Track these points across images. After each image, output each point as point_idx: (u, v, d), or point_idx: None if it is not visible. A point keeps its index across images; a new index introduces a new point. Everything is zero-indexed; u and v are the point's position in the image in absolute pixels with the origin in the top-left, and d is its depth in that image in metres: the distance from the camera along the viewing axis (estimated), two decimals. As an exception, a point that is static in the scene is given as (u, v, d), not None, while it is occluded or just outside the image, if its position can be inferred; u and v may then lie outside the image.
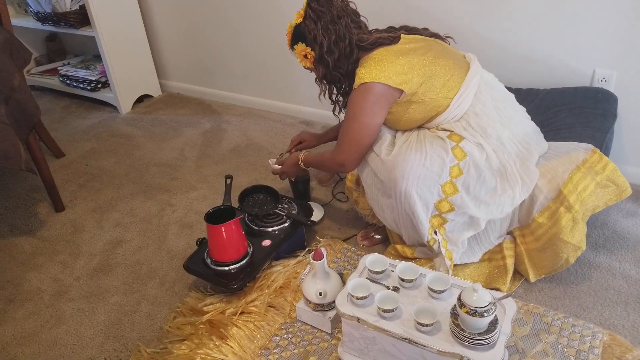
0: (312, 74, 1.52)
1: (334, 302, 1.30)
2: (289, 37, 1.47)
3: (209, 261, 1.48)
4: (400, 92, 1.37)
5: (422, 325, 1.09)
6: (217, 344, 1.33)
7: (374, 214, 1.56)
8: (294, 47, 1.46)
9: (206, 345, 1.32)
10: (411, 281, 1.22)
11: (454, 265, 1.46)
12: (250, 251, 1.50)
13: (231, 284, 1.42)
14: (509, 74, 1.86)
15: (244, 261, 1.46)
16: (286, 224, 1.60)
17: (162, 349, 1.36)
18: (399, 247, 1.54)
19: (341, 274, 1.42)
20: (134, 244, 1.78)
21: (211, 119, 2.62)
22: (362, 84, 1.36)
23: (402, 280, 1.22)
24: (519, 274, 1.48)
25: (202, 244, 1.56)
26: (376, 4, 2.04)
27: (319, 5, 1.40)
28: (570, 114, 1.66)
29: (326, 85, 1.50)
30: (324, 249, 1.32)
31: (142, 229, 1.85)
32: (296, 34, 1.44)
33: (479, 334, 1.05)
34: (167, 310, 1.49)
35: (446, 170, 1.36)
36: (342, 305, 1.19)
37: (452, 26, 1.81)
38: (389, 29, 1.51)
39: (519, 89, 1.83)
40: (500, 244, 1.48)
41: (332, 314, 1.34)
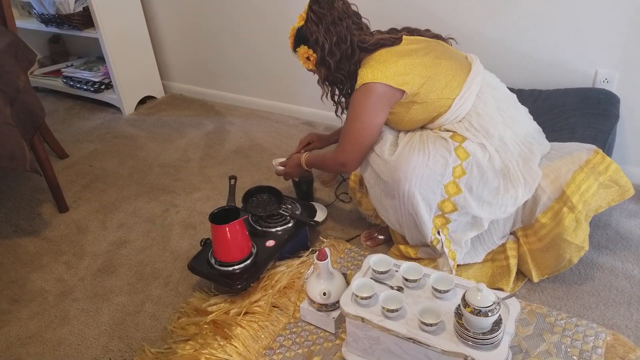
0: (314, 76, 1.53)
1: (338, 302, 1.31)
2: (292, 40, 1.48)
3: (213, 261, 1.48)
4: (402, 92, 1.37)
5: (427, 325, 1.10)
6: (221, 344, 1.33)
7: (377, 214, 1.57)
8: (297, 49, 1.47)
9: (210, 345, 1.33)
10: (415, 281, 1.22)
11: (457, 265, 1.46)
12: (254, 251, 1.50)
13: (235, 284, 1.42)
14: (512, 75, 1.86)
15: (248, 261, 1.47)
16: (290, 225, 1.60)
17: (166, 349, 1.37)
18: (402, 247, 1.55)
19: (345, 274, 1.43)
20: (138, 244, 1.79)
21: (214, 120, 2.63)
22: (364, 84, 1.37)
23: (406, 280, 1.23)
24: (522, 274, 1.48)
25: (206, 244, 1.56)
26: (379, 4, 2.05)
27: (320, 7, 1.41)
28: (572, 114, 1.66)
29: (328, 86, 1.51)
30: (327, 249, 1.33)
31: (146, 229, 1.86)
32: (298, 37, 1.45)
33: (483, 334, 1.05)
34: (171, 310, 1.50)
35: (449, 170, 1.36)
36: (347, 305, 1.19)
37: (455, 27, 1.82)
38: (391, 31, 1.52)
39: (522, 90, 1.83)
40: (503, 244, 1.48)
41: (336, 314, 1.34)
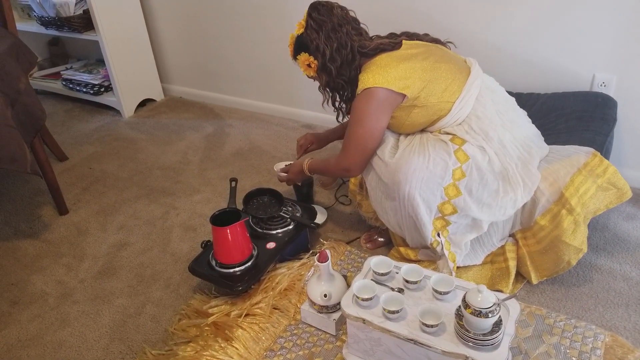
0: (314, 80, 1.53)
1: (339, 304, 1.32)
2: (292, 48, 1.49)
3: (213, 263, 1.49)
4: (402, 96, 1.38)
5: (427, 326, 1.10)
6: (222, 345, 1.33)
7: (377, 216, 1.57)
8: (297, 57, 1.48)
9: (211, 347, 1.33)
10: (416, 283, 1.23)
11: (457, 267, 1.47)
12: (255, 253, 1.51)
13: (236, 286, 1.43)
14: (510, 79, 1.88)
15: (249, 263, 1.47)
16: (290, 227, 1.61)
17: (167, 351, 1.37)
18: (402, 249, 1.56)
19: (345, 276, 1.43)
20: (138, 246, 1.79)
21: (214, 123, 2.64)
22: (365, 89, 1.38)
23: (407, 281, 1.23)
24: (521, 276, 1.49)
25: (206, 246, 1.57)
26: (378, 9, 2.06)
27: (319, 14, 1.42)
28: (570, 117, 1.67)
29: (329, 92, 1.52)
30: (328, 251, 1.34)
31: (146, 231, 1.86)
32: (298, 45, 1.46)
33: (484, 335, 1.06)
34: (172, 312, 1.50)
35: (449, 173, 1.37)
36: (348, 306, 1.20)
37: (453, 31, 1.83)
38: (390, 35, 1.53)
39: (520, 93, 1.85)
40: (502, 247, 1.49)
41: (336, 315, 1.35)
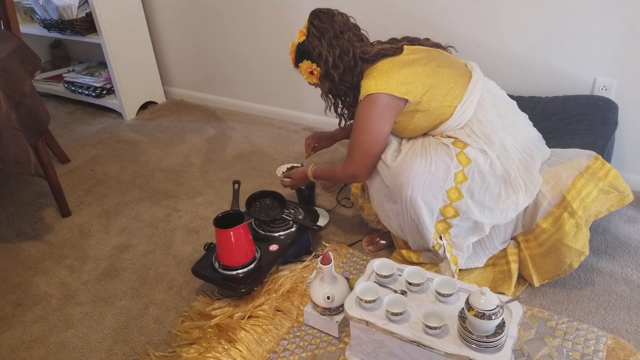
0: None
1: (342, 306, 1.32)
2: (293, 56, 1.50)
3: (217, 265, 1.49)
4: (405, 101, 1.39)
5: (431, 328, 1.11)
6: (225, 347, 1.34)
7: (379, 219, 1.58)
8: (299, 65, 1.48)
9: (215, 348, 1.34)
10: (419, 285, 1.24)
11: (459, 270, 1.48)
12: (258, 256, 1.51)
13: (239, 288, 1.43)
14: (512, 82, 1.88)
15: (252, 265, 1.48)
16: (293, 229, 1.61)
17: (170, 353, 1.37)
18: (404, 252, 1.56)
19: (347, 279, 1.44)
20: (141, 248, 1.80)
21: (215, 126, 2.64)
22: (368, 95, 1.39)
23: (410, 284, 1.24)
24: (523, 279, 1.50)
25: (209, 248, 1.57)
26: (378, 15, 2.07)
27: (321, 22, 1.43)
28: (571, 121, 1.68)
29: (332, 99, 1.53)
30: (331, 253, 1.34)
31: (149, 234, 1.87)
32: (300, 52, 1.47)
33: (487, 337, 1.07)
34: (175, 314, 1.51)
35: (451, 176, 1.38)
36: (351, 308, 1.20)
37: (455, 35, 1.84)
38: (391, 40, 1.53)
39: (521, 97, 1.86)
40: (504, 249, 1.50)
41: (339, 317, 1.35)
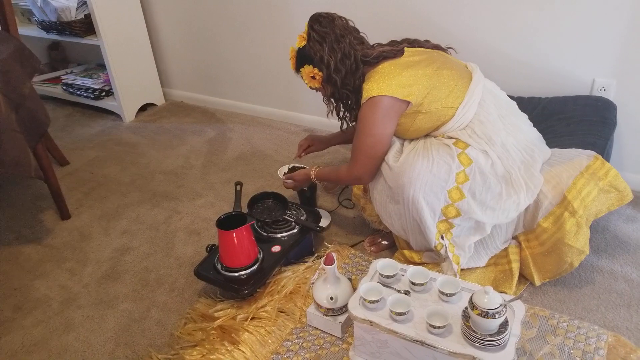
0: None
1: (345, 306, 1.33)
2: (294, 62, 1.50)
3: (219, 267, 1.49)
4: (407, 103, 1.40)
5: (434, 327, 1.11)
6: (228, 349, 1.34)
7: (381, 220, 1.58)
8: (301, 69, 1.48)
9: (218, 350, 1.34)
10: (422, 285, 1.24)
11: (461, 269, 1.48)
12: (260, 257, 1.51)
13: (242, 289, 1.43)
14: (511, 83, 1.89)
15: (255, 267, 1.48)
16: (295, 230, 1.62)
17: (173, 355, 1.37)
18: (406, 252, 1.57)
19: (350, 279, 1.44)
20: (142, 251, 1.79)
21: (215, 127, 2.64)
22: (370, 98, 1.39)
23: (413, 283, 1.25)
24: (524, 278, 1.51)
25: (211, 250, 1.57)
26: (378, 15, 2.08)
27: (321, 26, 1.43)
28: (571, 121, 1.69)
29: (334, 103, 1.53)
30: (333, 254, 1.34)
31: (150, 236, 1.86)
32: (301, 57, 1.47)
33: (490, 336, 1.07)
34: (177, 316, 1.50)
35: (452, 176, 1.38)
36: (355, 309, 1.21)
37: (455, 36, 1.85)
38: (392, 43, 1.54)
39: (521, 98, 1.87)
40: (505, 249, 1.50)
41: (342, 318, 1.36)
